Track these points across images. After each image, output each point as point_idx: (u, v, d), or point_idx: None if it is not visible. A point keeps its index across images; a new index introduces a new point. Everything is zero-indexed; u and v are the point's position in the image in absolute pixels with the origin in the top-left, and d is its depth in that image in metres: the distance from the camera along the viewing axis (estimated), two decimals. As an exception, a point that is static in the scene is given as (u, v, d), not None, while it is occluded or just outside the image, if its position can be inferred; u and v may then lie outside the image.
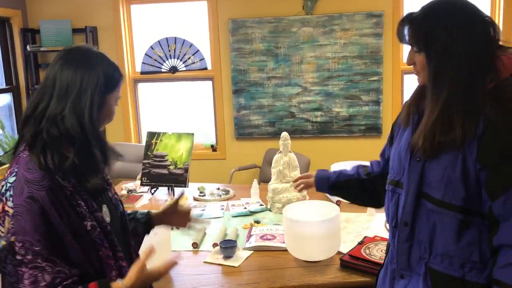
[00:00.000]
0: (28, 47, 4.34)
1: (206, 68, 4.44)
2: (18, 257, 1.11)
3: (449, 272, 1.25)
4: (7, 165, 4.02)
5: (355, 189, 1.73)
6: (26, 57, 4.39)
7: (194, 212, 2.60)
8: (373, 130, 4.21)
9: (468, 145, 1.18)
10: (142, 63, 4.49)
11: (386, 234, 2.17)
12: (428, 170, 1.26)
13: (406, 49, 1.32)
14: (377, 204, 1.70)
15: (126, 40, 4.44)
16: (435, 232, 1.26)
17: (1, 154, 4.03)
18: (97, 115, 1.21)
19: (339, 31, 4.09)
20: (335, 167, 2.74)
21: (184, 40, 4.41)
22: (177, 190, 3.01)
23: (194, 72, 4.46)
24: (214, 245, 2.15)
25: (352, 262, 1.88)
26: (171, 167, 2.99)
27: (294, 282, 1.81)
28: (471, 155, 1.18)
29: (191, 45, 4.41)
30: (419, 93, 1.36)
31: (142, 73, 4.51)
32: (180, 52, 4.43)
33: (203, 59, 4.42)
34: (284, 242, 2.07)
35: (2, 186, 1.17)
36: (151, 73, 4.50)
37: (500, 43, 1.25)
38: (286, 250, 2.03)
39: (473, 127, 1.17)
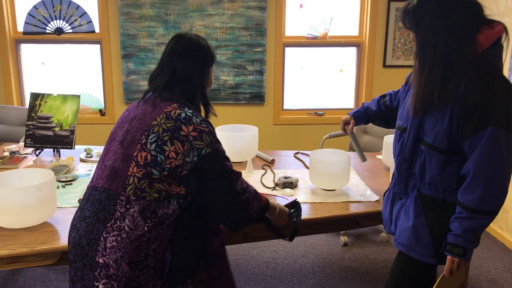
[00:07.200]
0: None
1: (93, 31, 4.39)
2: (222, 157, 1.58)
3: (434, 195, 1.72)
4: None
5: (380, 120, 2.25)
6: None
7: (82, 172, 2.69)
8: (257, 98, 4.51)
9: (454, 104, 1.57)
10: (25, 23, 4.31)
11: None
12: (424, 121, 1.67)
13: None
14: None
15: (6, -3, 4.23)
16: (425, 167, 1.70)
17: None
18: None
19: (226, 2, 4.27)
20: (220, 128, 2.96)
21: (70, 1, 4.30)
22: (63, 152, 3.04)
23: (81, 35, 4.39)
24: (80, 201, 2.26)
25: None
26: (56, 129, 3.01)
27: None
28: (455, 110, 1.58)
29: (78, 6, 4.32)
30: None
31: (24, 33, 4.34)
32: (66, 13, 4.32)
33: (91, 21, 4.36)
34: None
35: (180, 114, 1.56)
36: (35, 34, 4.34)
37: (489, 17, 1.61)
38: None
39: (453, 90, 1.56)
